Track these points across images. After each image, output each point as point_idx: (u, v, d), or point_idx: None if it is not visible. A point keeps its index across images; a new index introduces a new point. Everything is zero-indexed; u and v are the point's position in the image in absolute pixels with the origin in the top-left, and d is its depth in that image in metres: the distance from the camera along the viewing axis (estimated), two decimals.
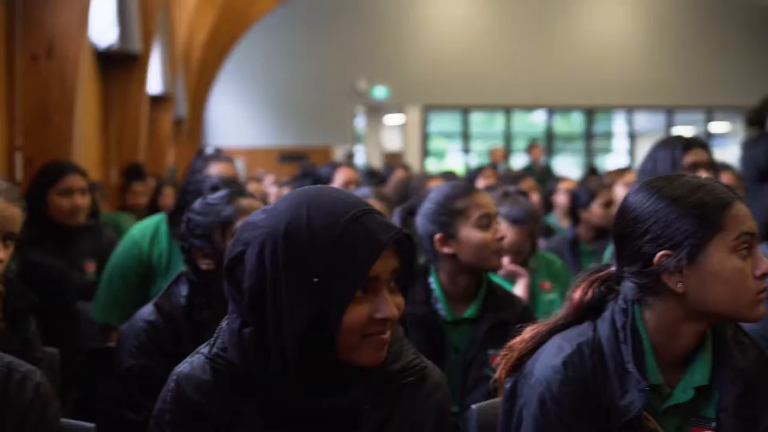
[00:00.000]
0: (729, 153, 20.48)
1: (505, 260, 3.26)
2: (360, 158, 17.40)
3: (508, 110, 18.43)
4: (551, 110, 18.74)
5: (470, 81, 17.14)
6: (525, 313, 2.47)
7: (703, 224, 1.46)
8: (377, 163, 16.93)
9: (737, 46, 18.20)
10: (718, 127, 20.25)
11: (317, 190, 1.44)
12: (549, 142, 18.62)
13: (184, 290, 2.25)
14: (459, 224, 2.42)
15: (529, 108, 18.90)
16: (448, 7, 17.38)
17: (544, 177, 9.89)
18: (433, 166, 18.38)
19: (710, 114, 19.32)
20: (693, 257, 1.46)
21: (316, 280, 1.33)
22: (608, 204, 4.26)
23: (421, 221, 2.48)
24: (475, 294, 2.48)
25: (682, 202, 1.48)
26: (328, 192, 1.43)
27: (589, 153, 19.38)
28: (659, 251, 1.48)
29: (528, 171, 9.75)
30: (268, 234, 1.37)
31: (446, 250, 2.43)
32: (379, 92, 16.75)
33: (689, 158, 3.14)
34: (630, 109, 19.06)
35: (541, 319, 3.16)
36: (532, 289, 3.37)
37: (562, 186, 5.73)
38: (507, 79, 17.28)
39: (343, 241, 1.34)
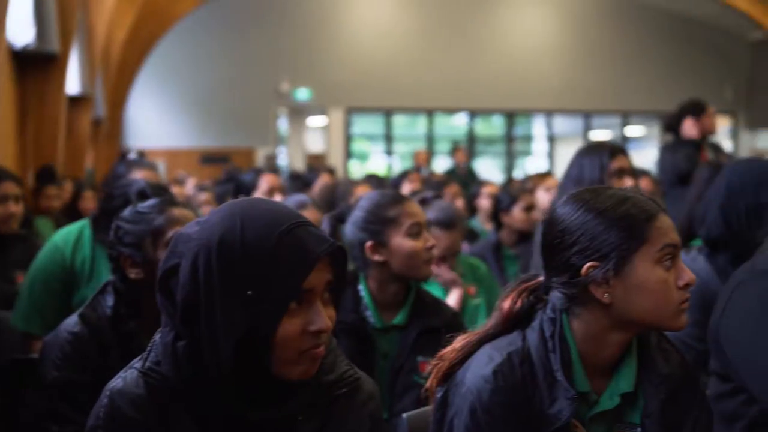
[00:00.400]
0: (644, 156, 21.08)
1: (444, 269, 3.30)
2: (283, 160, 17.32)
3: (430, 113, 18.58)
4: (473, 113, 18.95)
5: (393, 83, 17.22)
6: (453, 319, 2.51)
7: (629, 236, 1.50)
8: (300, 165, 16.88)
9: (653, 53, 18.70)
10: (633, 130, 20.78)
11: (251, 202, 1.44)
12: (470, 144, 18.83)
13: (110, 300, 2.22)
14: (390, 232, 2.44)
15: (451, 111, 19.08)
16: (371, 9, 17.43)
17: (468, 180, 10.00)
18: (356, 167, 18.43)
19: (626, 118, 19.81)
20: (619, 268, 1.51)
21: (249, 292, 1.34)
22: (529, 208, 4.33)
23: (351, 229, 2.49)
24: (404, 301, 2.50)
25: (608, 214, 1.52)
26: (261, 204, 1.43)
27: (510, 156, 19.67)
28: (587, 262, 1.52)
29: (451, 174, 9.84)
30: (202, 246, 1.37)
31: (377, 258, 2.44)
32: (302, 94, 16.70)
33: (615, 164, 3.24)
34: (549, 113, 19.42)
35: (468, 324, 3.22)
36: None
37: (485, 190, 5.80)
38: (429, 82, 17.41)
39: (277, 254, 1.34)
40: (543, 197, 5.22)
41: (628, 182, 3.29)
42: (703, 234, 2.60)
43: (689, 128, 5.67)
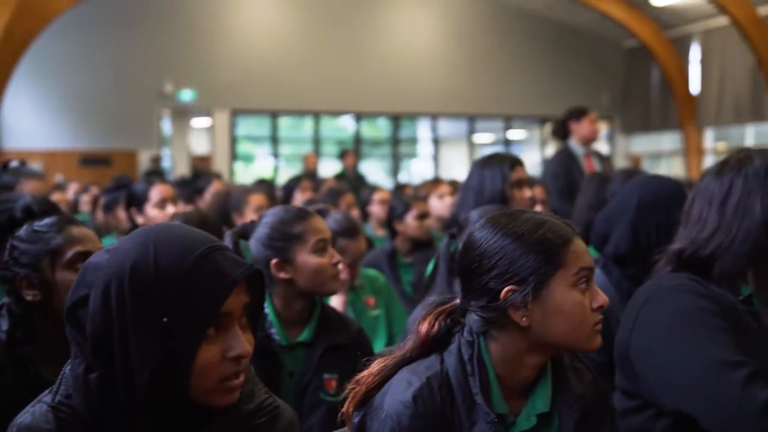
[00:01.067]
0: (525, 158, 21.55)
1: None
2: (166, 162, 16.97)
3: (316, 115, 18.55)
4: (358, 116, 19.02)
5: (279, 85, 17.11)
6: (359, 335, 2.50)
7: (547, 260, 1.53)
8: (184, 167, 16.57)
9: (534, 59, 19.19)
10: (515, 134, 21.26)
11: (163, 228, 1.41)
12: (357, 146, 18.89)
13: (4, 324, 2.11)
14: (295, 249, 2.41)
15: (337, 113, 19.11)
16: (257, 10, 17.27)
17: (357, 184, 10.02)
18: (241, 169, 18.24)
19: (508, 122, 20.27)
20: (537, 292, 1.53)
21: (165, 320, 1.30)
22: (422, 216, 4.35)
23: (255, 246, 2.45)
24: (309, 317, 2.48)
25: (526, 239, 1.54)
26: (174, 229, 1.40)
27: (396, 158, 19.83)
28: (505, 286, 1.54)
29: (341, 178, 9.84)
30: (113, 274, 1.32)
31: (282, 275, 2.41)
32: (186, 95, 16.40)
33: (516, 175, 3.30)
34: (434, 116, 19.68)
35: (370, 337, 3.22)
36: (358, 306, 3.41)
37: (377, 197, 5.82)
38: (315, 84, 17.38)
39: (192, 279, 1.31)
40: (436, 204, 5.28)
41: (527, 193, 3.36)
42: (610, 249, 2.65)
43: (573, 133, 5.84)
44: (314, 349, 2.44)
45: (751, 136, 17.71)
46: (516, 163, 3.35)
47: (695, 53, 18.22)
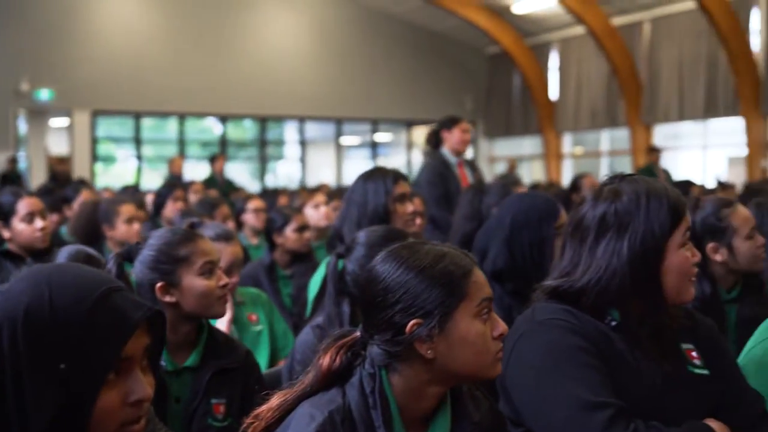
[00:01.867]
0: (391, 160, 21.84)
1: None
2: (23, 163, 16.26)
3: (181, 116, 18.19)
4: (224, 117, 18.78)
5: (142, 86, 16.69)
6: (247, 358, 2.47)
7: (450, 293, 1.55)
8: (41, 169, 15.95)
9: (400, 63, 19.43)
10: (382, 136, 21.48)
11: (58, 268, 1.35)
12: (222, 148, 18.66)
13: None
14: (182, 272, 2.35)
15: (202, 115, 18.81)
16: (118, 7, 16.79)
17: (227, 189, 9.89)
18: (101, 171, 17.71)
19: (375, 125, 20.44)
20: (443, 325, 1.55)
21: (62, 366, 1.25)
22: (302, 228, 4.34)
23: (140, 268, 2.38)
24: (196, 341, 2.43)
25: (429, 272, 1.56)
26: (70, 269, 1.35)
27: (262, 160, 19.68)
28: (410, 320, 1.55)
29: (210, 182, 9.68)
30: (4, 318, 1.26)
31: (168, 299, 2.35)
32: (43, 94, 15.76)
33: (398, 189, 3.33)
34: (301, 119, 19.63)
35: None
36: (241, 323, 3.37)
37: (251, 205, 5.76)
38: (180, 86, 17.05)
39: (91, 323, 1.26)
40: (311, 214, 5.27)
41: (410, 207, 3.39)
42: (488, 266, 2.72)
43: (446, 142, 5.95)
44: (201, 373, 2.39)
45: (606, 141, 18.49)
46: (398, 177, 3.38)
47: (554, 61, 18.89)
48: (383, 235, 2.57)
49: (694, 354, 1.94)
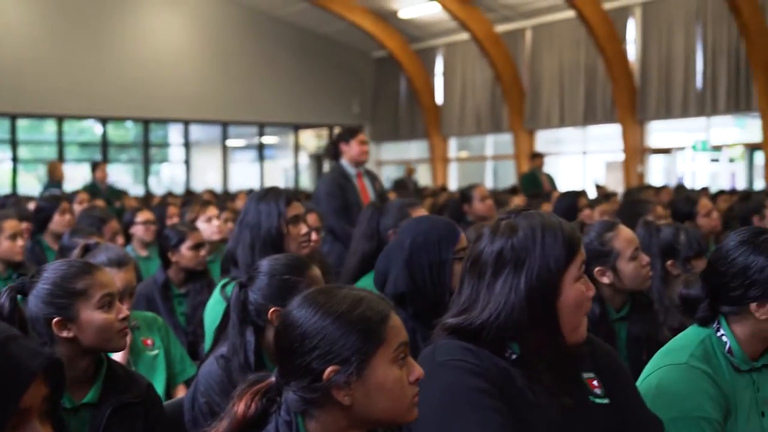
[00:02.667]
0: (280, 163, 21.73)
1: None
2: None
3: (60, 118, 17.61)
4: (105, 119, 18.29)
5: (18, 86, 16.09)
6: (149, 392, 2.41)
7: (368, 339, 1.55)
8: None
9: (287, 66, 19.32)
10: (269, 139, 21.33)
11: None
12: (104, 150, 18.18)
13: None
14: (80, 306, 2.27)
15: (82, 117, 18.28)
16: None
17: (110, 197, 9.62)
18: None
19: (262, 128, 20.27)
20: (360, 371, 1.54)
21: None
22: (197, 246, 4.26)
23: (34, 303, 2.28)
24: (95, 376, 2.35)
25: (346, 318, 1.55)
26: None
27: (146, 162, 19.25)
28: (328, 367, 1.54)
29: (92, 190, 9.39)
30: None
31: (65, 334, 2.27)
32: None
33: (292, 211, 3.31)
34: (186, 122, 19.28)
35: (147, 374, 3.10)
36: (136, 348, 3.28)
37: (140, 218, 5.62)
38: (59, 87, 16.52)
39: None
40: (204, 227, 5.18)
41: (303, 228, 3.38)
42: (390, 289, 2.73)
43: (344, 154, 5.97)
44: (101, 410, 2.31)
45: (490, 146, 18.87)
46: (292, 198, 3.37)
47: (440, 66, 19.15)
48: (286, 264, 2.55)
49: (594, 383, 1.99)
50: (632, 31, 15.11)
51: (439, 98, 19.13)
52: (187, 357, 3.47)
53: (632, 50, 15.06)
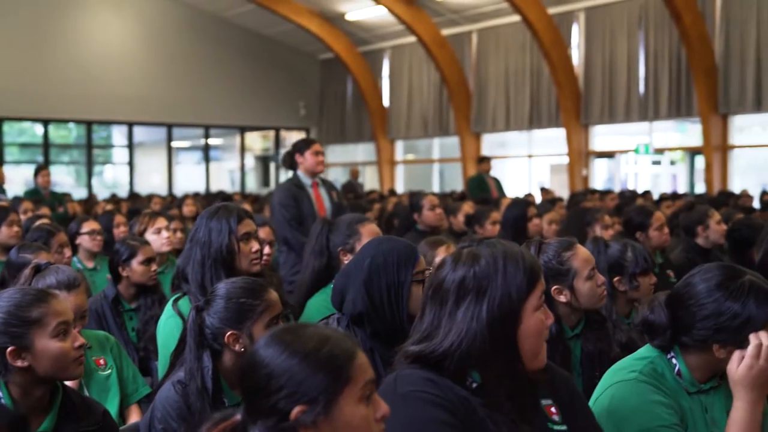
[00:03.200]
0: (226, 165, 21.57)
1: None
2: None
3: (0, 120, 17.27)
4: (47, 120, 17.98)
5: None
6: (105, 418, 2.38)
7: (335, 378, 1.55)
8: None
9: (233, 69, 19.19)
10: (214, 140, 21.17)
11: None
12: (45, 152, 17.88)
13: None
14: (34, 335, 2.24)
15: (22, 119, 17.95)
16: None
17: (53, 202, 9.45)
18: None
19: (207, 130, 20.10)
20: (328, 410, 1.54)
21: None
22: (148, 261, 4.21)
23: None
24: (50, 405, 2.32)
25: (313, 357, 1.55)
26: None
27: (89, 164, 18.96)
28: (295, 406, 1.54)
29: (35, 196, 9.22)
30: None
31: (20, 363, 2.23)
32: None
33: (243, 228, 3.29)
34: (129, 124, 19.04)
35: (98, 395, 3.06)
36: (88, 368, 3.23)
37: (85, 228, 5.53)
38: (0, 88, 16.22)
39: None
40: (153, 239, 5.11)
41: (255, 245, 3.36)
42: (348, 309, 2.74)
43: (300, 165, 5.99)
44: None
45: (437, 149, 18.96)
46: (243, 215, 3.35)
47: (387, 69, 19.18)
48: (242, 287, 2.54)
49: (553, 410, 2.02)
50: (576, 36, 15.31)
51: (385, 101, 19.16)
52: (139, 376, 3.43)
53: (576, 55, 15.26)
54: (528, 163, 17.14)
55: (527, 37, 15.39)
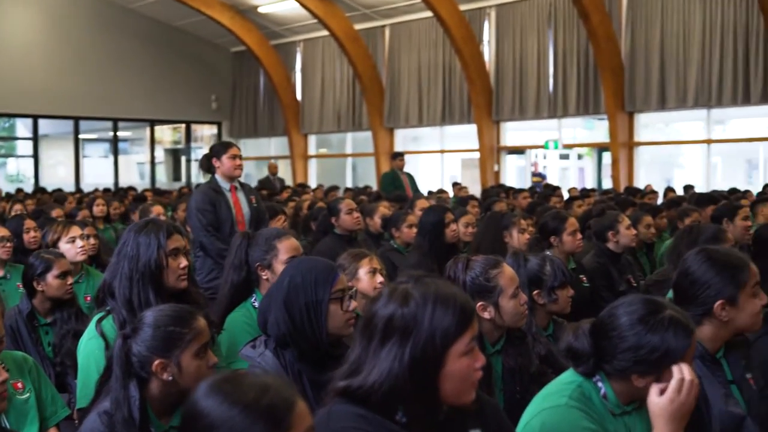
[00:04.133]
0: (135, 158, 21.17)
1: None
2: None
3: None
4: None
5: None
6: None
7: (275, 428, 1.56)
8: None
9: (141, 60, 18.82)
10: (122, 133, 20.75)
11: None
12: None
13: None
14: None
15: None
16: None
17: None
18: None
19: (116, 123, 19.68)
20: None
21: None
22: (64, 274, 4.12)
23: None
24: None
25: (253, 407, 1.56)
26: None
27: None
28: None
29: None
30: None
31: None
32: None
33: (172, 243, 3.25)
34: (34, 118, 18.50)
35: (16, 422, 2.99)
36: (6, 392, 3.15)
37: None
38: None
39: None
40: (67, 249, 5.01)
41: (183, 261, 3.33)
42: (272, 330, 2.74)
43: (218, 169, 5.94)
44: None
45: (350, 143, 18.98)
46: (172, 231, 3.31)
47: (299, 62, 19.09)
48: (170, 315, 2.51)
49: None
50: (488, 33, 15.51)
51: (298, 95, 19.07)
52: (58, 397, 3.36)
53: (488, 52, 15.47)
54: (440, 158, 17.31)
55: (440, 33, 15.53)
